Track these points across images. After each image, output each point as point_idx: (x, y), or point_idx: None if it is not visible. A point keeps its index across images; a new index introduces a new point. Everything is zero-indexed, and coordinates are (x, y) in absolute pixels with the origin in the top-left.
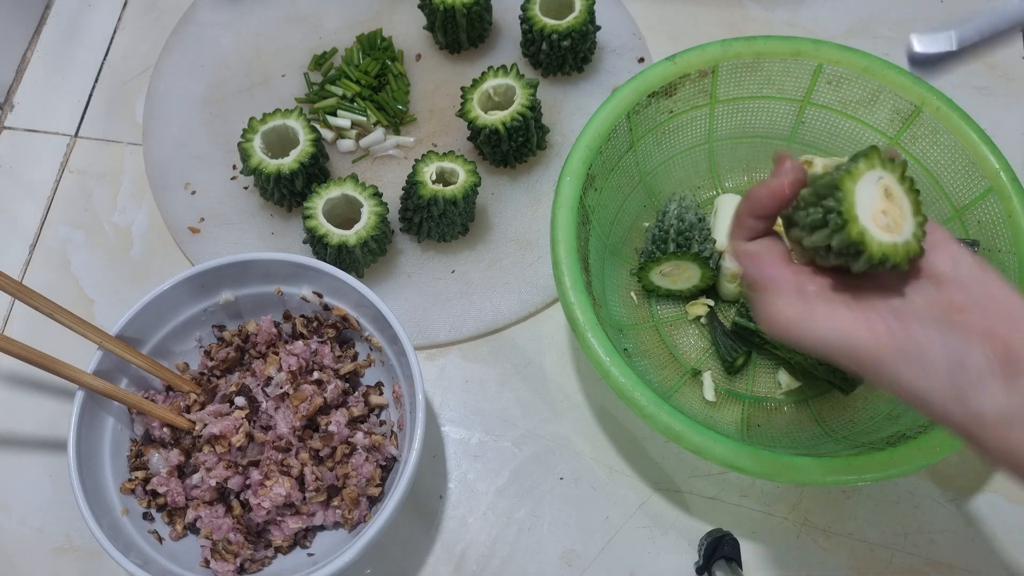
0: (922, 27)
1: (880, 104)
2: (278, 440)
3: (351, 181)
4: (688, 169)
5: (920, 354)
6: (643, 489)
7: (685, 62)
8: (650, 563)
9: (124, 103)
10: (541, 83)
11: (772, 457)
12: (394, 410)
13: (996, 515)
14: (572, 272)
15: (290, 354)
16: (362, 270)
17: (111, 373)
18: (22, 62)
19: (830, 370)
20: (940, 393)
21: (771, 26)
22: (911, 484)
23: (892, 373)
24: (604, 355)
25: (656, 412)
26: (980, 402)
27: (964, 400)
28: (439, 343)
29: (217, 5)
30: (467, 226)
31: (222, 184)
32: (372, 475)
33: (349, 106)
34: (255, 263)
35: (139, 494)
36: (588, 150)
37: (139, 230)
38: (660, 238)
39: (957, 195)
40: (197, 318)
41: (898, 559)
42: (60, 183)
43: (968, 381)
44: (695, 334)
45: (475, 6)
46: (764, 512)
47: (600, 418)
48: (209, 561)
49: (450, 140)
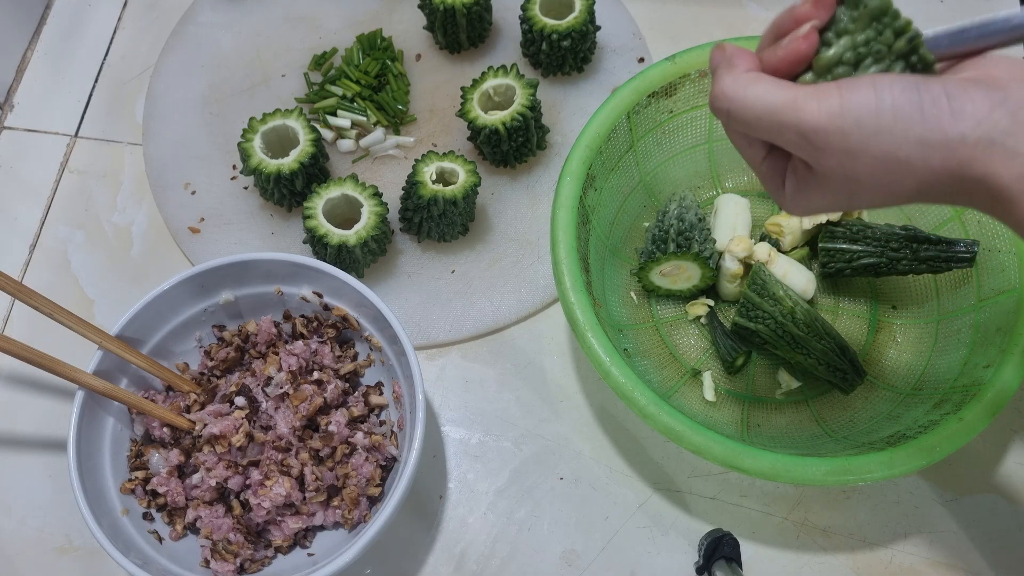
0: (924, 26)
1: None
2: (278, 440)
3: (351, 181)
4: (688, 169)
5: (884, 104)
6: (643, 489)
7: (685, 62)
8: (650, 563)
9: (124, 103)
10: (541, 83)
11: (772, 457)
12: (394, 410)
13: (996, 515)
14: (572, 272)
15: (290, 354)
16: (362, 270)
17: (111, 373)
18: (22, 62)
19: (830, 370)
20: (913, 127)
21: None
22: (911, 484)
23: (845, 129)
24: (604, 355)
25: (656, 412)
26: (956, 118)
27: (938, 121)
28: (439, 343)
29: (217, 5)
30: (467, 226)
31: (222, 184)
32: (372, 475)
33: (349, 106)
34: (255, 263)
35: (139, 494)
36: (588, 150)
37: (139, 230)
38: (660, 238)
39: None
40: (197, 318)
41: (898, 559)
42: (60, 183)
43: (934, 100)
44: (695, 334)
45: (475, 6)
46: (764, 512)
47: (600, 418)
48: (209, 561)
49: (450, 140)
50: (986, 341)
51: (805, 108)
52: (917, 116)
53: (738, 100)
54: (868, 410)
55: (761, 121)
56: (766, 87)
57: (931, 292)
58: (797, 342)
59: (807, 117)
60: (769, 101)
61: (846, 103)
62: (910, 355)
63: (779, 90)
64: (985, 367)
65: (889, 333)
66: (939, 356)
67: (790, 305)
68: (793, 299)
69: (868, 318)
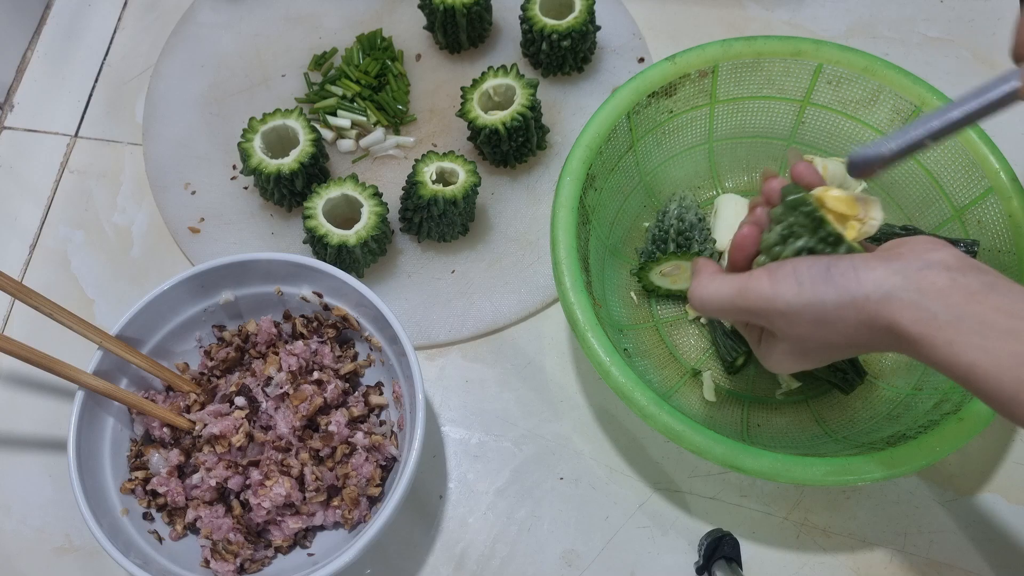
0: (924, 26)
1: (880, 104)
2: (278, 440)
3: (351, 181)
4: (688, 169)
5: (804, 283)
6: (643, 489)
7: (685, 62)
8: (650, 563)
9: (124, 103)
10: (541, 83)
11: (772, 457)
12: (394, 410)
13: (996, 515)
14: (572, 272)
15: (290, 354)
16: (362, 270)
17: (111, 373)
18: (22, 62)
19: (830, 370)
20: (829, 296)
21: (771, 26)
22: (911, 484)
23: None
24: (604, 355)
25: (656, 412)
26: (861, 283)
27: (846, 287)
28: (439, 343)
29: (217, 5)
30: (467, 226)
31: (222, 184)
32: (372, 475)
33: (349, 106)
34: (255, 263)
35: (139, 494)
36: (588, 150)
37: (139, 230)
38: (660, 238)
39: (957, 195)
40: (197, 318)
41: (898, 559)
42: (60, 183)
43: (843, 272)
44: (695, 334)
45: (475, 6)
46: (764, 512)
47: (600, 418)
48: (209, 561)
49: (450, 140)
50: None
51: (748, 297)
52: (828, 285)
53: (703, 299)
54: (868, 410)
55: (723, 310)
56: (718, 285)
57: None
58: None
59: (751, 304)
60: (723, 295)
61: (776, 288)
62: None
63: (728, 285)
64: None
65: None
66: None
67: None
68: None
69: None
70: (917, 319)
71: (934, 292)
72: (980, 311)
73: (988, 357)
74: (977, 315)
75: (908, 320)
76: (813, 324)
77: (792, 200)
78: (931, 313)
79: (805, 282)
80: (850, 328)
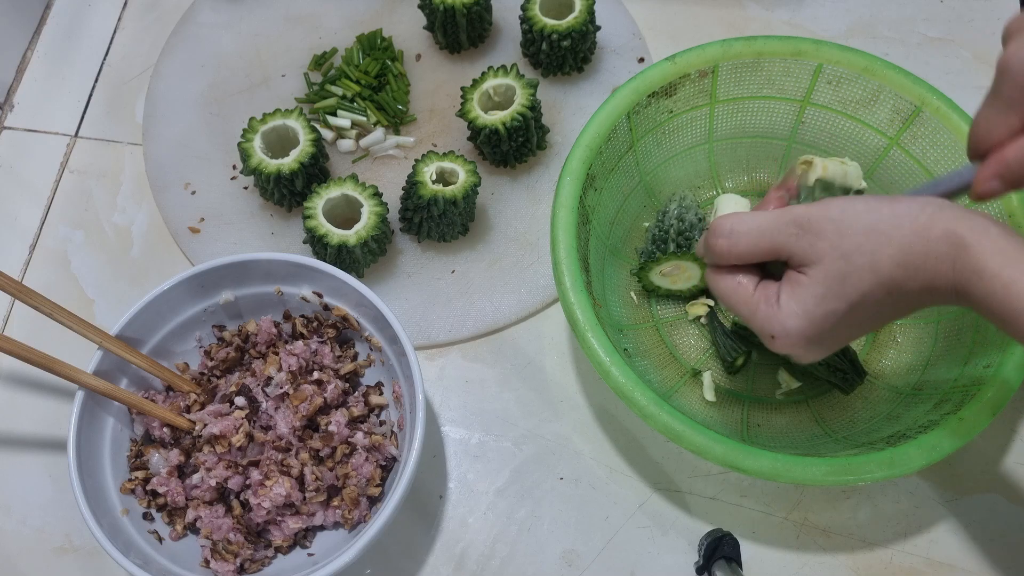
0: (924, 26)
1: (880, 104)
2: (278, 440)
3: (351, 181)
4: (688, 169)
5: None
6: (643, 489)
7: (685, 62)
8: (650, 563)
9: (124, 103)
10: (541, 83)
11: (772, 457)
12: (394, 410)
13: (996, 515)
14: (572, 272)
15: (290, 354)
16: (362, 270)
17: (111, 373)
18: (22, 62)
19: (830, 370)
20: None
21: (771, 26)
22: (911, 484)
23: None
24: (604, 355)
25: (656, 412)
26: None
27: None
28: (439, 343)
29: (217, 5)
30: (467, 226)
31: (222, 184)
32: (372, 475)
33: (349, 106)
34: (255, 263)
35: (139, 494)
36: (588, 150)
37: (139, 230)
38: (660, 238)
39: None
40: (197, 318)
41: (898, 559)
42: (60, 183)
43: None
44: (695, 334)
45: (475, 6)
46: (764, 512)
47: (600, 418)
48: (209, 561)
49: (450, 140)
50: (986, 341)
51: (795, 209)
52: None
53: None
54: (868, 410)
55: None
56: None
57: None
58: None
59: (798, 214)
60: (765, 216)
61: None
62: (910, 355)
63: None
64: (985, 367)
65: (889, 333)
66: (939, 356)
67: None
68: None
69: None
70: (973, 227)
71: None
72: None
73: None
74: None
75: (965, 228)
76: (865, 233)
77: (825, 180)
78: (985, 227)
79: (858, 200)
80: (904, 238)
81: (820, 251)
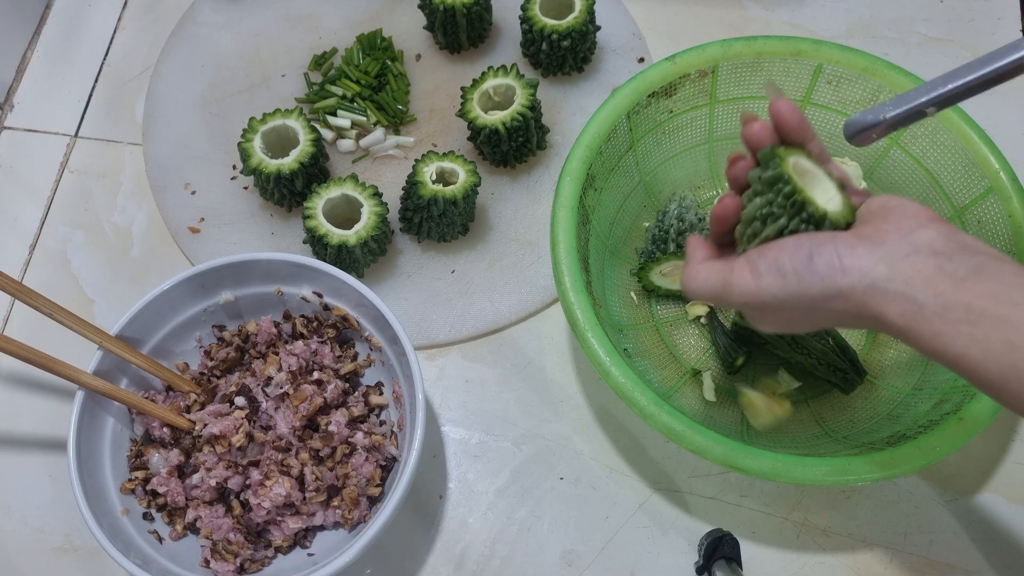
0: (924, 26)
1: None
2: (278, 440)
3: (351, 181)
4: (688, 169)
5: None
6: (643, 489)
7: (685, 62)
8: (650, 563)
9: (124, 103)
10: (541, 83)
11: (772, 457)
12: (394, 410)
13: (996, 515)
14: (572, 272)
15: (290, 354)
16: (362, 270)
17: (111, 373)
18: (22, 62)
19: (830, 370)
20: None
21: (771, 26)
22: (911, 484)
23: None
24: (604, 355)
25: (656, 412)
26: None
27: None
28: (439, 343)
29: (217, 5)
30: (467, 226)
31: (222, 184)
32: (372, 475)
33: (349, 106)
34: (255, 263)
35: (139, 494)
36: (588, 150)
37: (139, 230)
38: (660, 238)
39: (957, 195)
40: (197, 318)
41: (898, 559)
42: (60, 183)
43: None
44: (695, 334)
45: (475, 6)
46: (764, 512)
47: (600, 418)
48: (209, 561)
49: (450, 140)
50: None
51: (733, 291)
52: (812, 276)
53: (691, 290)
54: (868, 410)
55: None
56: (705, 275)
57: None
58: (797, 342)
59: (736, 299)
60: (709, 287)
61: (759, 283)
62: (910, 355)
63: (714, 277)
64: None
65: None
66: None
67: None
68: None
69: None
70: (903, 311)
71: (920, 281)
72: (968, 299)
73: (977, 345)
74: (964, 303)
75: (894, 312)
76: (801, 311)
77: (769, 177)
78: (917, 304)
79: (788, 274)
80: (837, 315)
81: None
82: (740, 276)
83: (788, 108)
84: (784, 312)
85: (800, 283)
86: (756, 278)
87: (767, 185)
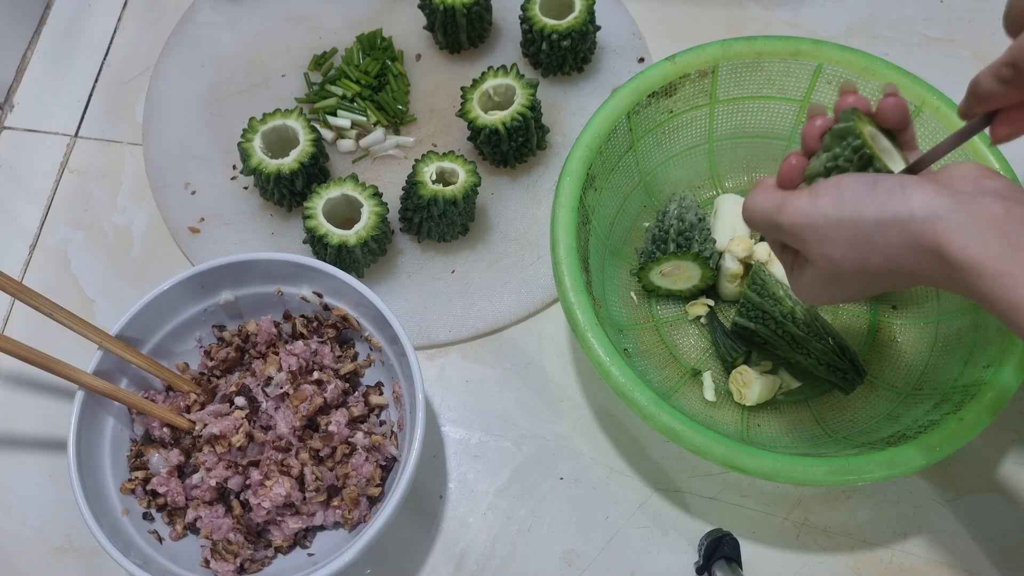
0: (924, 26)
1: None
2: (278, 440)
3: (351, 181)
4: (688, 169)
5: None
6: (643, 489)
7: (685, 62)
8: (650, 563)
9: (124, 103)
10: (541, 83)
11: (772, 457)
12: (394, 410)
13: (996, 515)
14: (572, 272)
15: (290, 354)
16: (362, 270)
17: (111, 373)
18: (22, 62)
19: (830, 370)
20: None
21: (771, 26)
22: (911, 484)
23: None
24: (604, 355)
25: (656, 412)
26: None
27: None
28: (439, 343)
29: (217, 5)
30: (467, 226)
31: (222, 184)
32: (372, 475)
33: (349, 106)
34: (255, 263)
35: (139, 494)
36: (588, 150)
37: (139, 230)
38: (660, 238)
39: None
40: (197, 318)
41: (898, 559)
42: (60, 183)
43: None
44: (695, 334)
45: (475, 6)
46: (764, 512)
47: (600, 418)
48: (209, 561)
49: (450, 140)
50: (986, 341)
51: (785, 211)
52: (871, 200)
53: (749, 209)
54: (868, 410)
55: (763, 224)
56: (764, 196)
57: (931, 292)
58: (797, 342)
59: (786, 218)
60: (765, 208)
61: (815, 202)
62: (910, 355)
63: (771, 197)
64: (985, 367)
65: (889, 333)
66: (939, 356)
67: (790, 305)
68: (793, 299)
69: (868, 318)
70: (966, 245)
71: (987, 219)
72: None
73: None
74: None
75: (957, 245)
76: (849, 245)
77: (840, 128)
78: (982, 240)
79: (847, 196)
80: (891, 248)
81: (809, 254)
82: (797, 197)
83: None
84: (828, 245)
85: (857, 205)
86: (813, 198)
87: (836, 138)
